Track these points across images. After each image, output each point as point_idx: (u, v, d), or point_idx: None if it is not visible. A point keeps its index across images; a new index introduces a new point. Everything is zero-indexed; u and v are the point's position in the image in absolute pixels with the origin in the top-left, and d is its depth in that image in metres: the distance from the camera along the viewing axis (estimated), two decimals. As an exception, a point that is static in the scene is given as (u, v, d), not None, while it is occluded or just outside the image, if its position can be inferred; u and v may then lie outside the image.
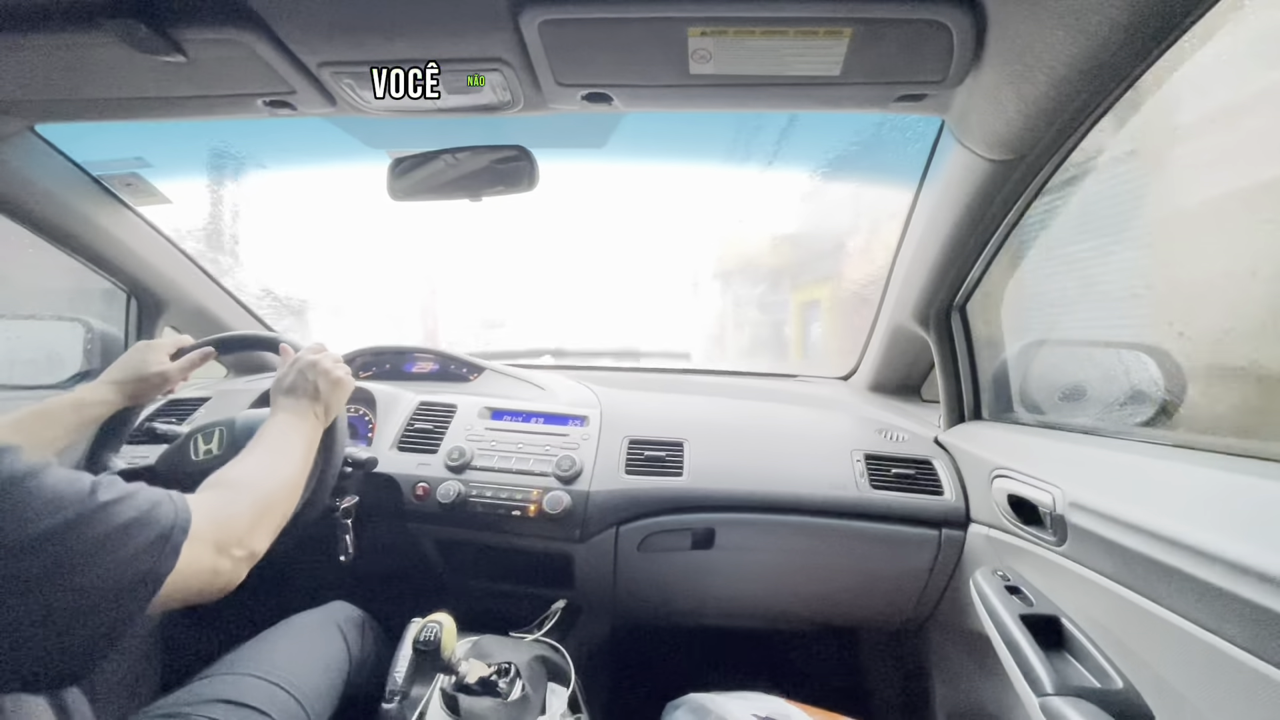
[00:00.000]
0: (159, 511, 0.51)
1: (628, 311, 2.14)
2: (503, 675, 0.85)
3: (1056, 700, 0.63)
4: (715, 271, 2.44)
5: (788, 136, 1.69)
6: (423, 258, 2.43)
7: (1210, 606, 0.54)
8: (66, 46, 0.75)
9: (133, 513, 0.49)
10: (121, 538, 0.48)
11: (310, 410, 0.83)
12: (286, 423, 0.80)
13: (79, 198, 1.17)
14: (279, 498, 0.68)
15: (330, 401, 0.87)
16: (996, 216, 0.93)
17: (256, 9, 0.69)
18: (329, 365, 0.89)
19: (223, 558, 0.57)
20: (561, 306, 2.37)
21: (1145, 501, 0.65)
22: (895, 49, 0.71)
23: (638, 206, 2.15)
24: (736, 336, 2.43)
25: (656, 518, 1.10)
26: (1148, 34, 0.60)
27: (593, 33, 0.71)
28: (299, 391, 0.84)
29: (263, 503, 0.64)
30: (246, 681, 0.74)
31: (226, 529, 0.58)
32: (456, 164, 1.00)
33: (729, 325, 2.44)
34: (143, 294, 1.40)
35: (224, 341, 1.02)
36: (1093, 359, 1.01)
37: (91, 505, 0.47)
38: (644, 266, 2.24)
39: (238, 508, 0.61)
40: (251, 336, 1.09)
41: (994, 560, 0.96)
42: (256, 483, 0.66)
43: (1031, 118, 0.73)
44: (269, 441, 0.75)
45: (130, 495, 0.51)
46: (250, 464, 0.70)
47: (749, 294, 2.43)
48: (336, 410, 0.90)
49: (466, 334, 2.65)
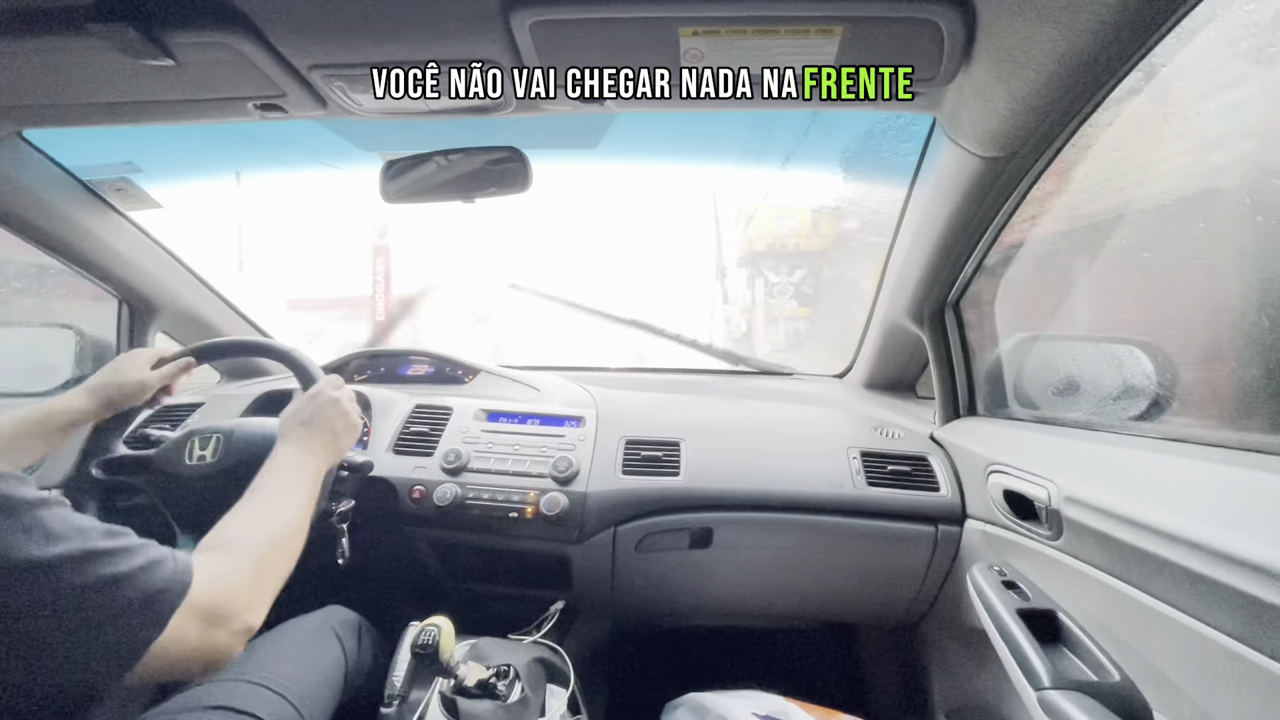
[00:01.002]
0: (155, 572, 0.49)
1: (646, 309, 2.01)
2: (502, 677, 0.85)
3: (1054, 694, 0.64)
4: (740, 257, 2.23)
5: (782, 134, 1.70)
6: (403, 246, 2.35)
7: (1204, 598, 0.54)
8: (54, 51, 0.75)
9: (126, 567, 0.47)
10: (109, 590, 0.45)
11: (321, 448, 0.81)
12: (294, 460, 0.77)
13: (69, 203, 1.16)
14: (281, 562, 0.65)
15: (341, 444, 0.85)
16: (989, 213, 0.94)
17: (246, 12, 0.69)
18: (348, 407, 0.88)
19: (217, 631, 0.53)
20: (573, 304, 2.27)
21: (1140, 495, 0.66)
22: (886, 47, 0.71)
23: (643, 197, 2.08)
24: (769, 333, 2.23)
25: (654, 518, 1.10)
26: (1136, 30, 0.60)
27: (584, 33, 0.71)
28: (315, 426, 0.82)
29: (264, 570, 0.61)
30: (242, 687, 0.74)
31: (224, 601, 0.54)
32: (449, 166, 1.00)
33: (758, 320, 2.23)
34: (134, 299, 1.39)
35: (203, 350, 1.02)
36: (1086, 354, 1.01)
37: (86, 548, 0.45)
38: (660, 259, 2.11)
39: (238, 576, 0.57)
40: (230, 343, 1.08)
41: (990, 555, 0.96)
42: (259, 544, 0.62)
43: (1022, 114, 0.74)
44: (274, 483, 0.72)
45: (130, 550, 0.48)
46: (254, 517, 0.66)
47: (784, 282, 2.22)
48: (345, 453, 0.87)
49: (452, 330, 2.58)
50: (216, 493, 0.92)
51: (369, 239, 2.28)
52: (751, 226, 2.21)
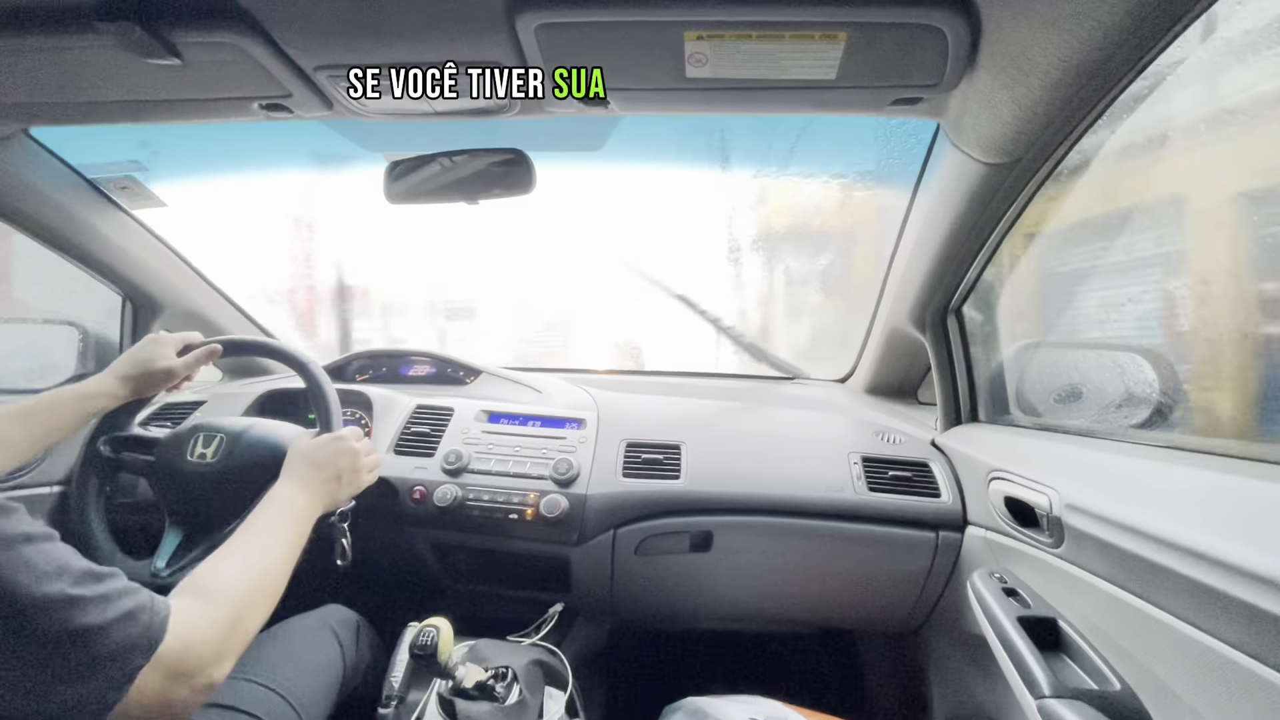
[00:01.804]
0: (130, 626, 0.47)
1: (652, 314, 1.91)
2: (500, 679, 0.85)
3: (1054, 702, 0.63)
4: (756, 239, 1.96)
5: (785, 138, 1.70)
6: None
7: (1206, 608, 0.54)
8: (61, 50, 0.75)
9: (102, 618, 0.46)
10: (82, 642, 0.44)
11: (322, 493, 0.80)
12: (291, 500, 0.76)
13: (74, 201, 1.17)
14: (256, 614, 0.62)
15: (340, 495, 0.84)
16: (992, 219, 0.94)
17: (252, 12, 0.69)
18: (362, 463, 0.88)
19: (178, 686, 0.50)
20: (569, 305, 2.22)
21: (1141, 503, 0.65)
22: (890, 53, 0.71)
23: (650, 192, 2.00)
24: (791, 331, 1.96)
25: (654, 521, 1.10)
26: (1141, 37, 0.60)
27: (589, 36, 0.71)
28: (324, 469, 0.82)
29: (237, 622, 0.58)
30: (239, 686, 0.74)
31: (192, 656, 0.52)
32: (453, 167, 1.00)
33: (777, 314, 1.95)
34: (138, 297, 1.39)
35: (231, 344, 1.03)
36: (1088, 361, 1.01)
37: (68, 594, 0.44)
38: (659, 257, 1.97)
39: (212, 630, 0.55)
40: (258, 343, 1.09)
41: (991, 562, 0.96)
42: (240, 595, 0.60)
43: (1026, 121, 0.74)
44: (263, 527, 0.71)
45: (108, 598, 0.47)
46: (241, 564, 0.64)
47: (807, 268, 1.92)
48: (341, 504, 0.86)
49: (427, 327, 2.52)
50: (210, 493, 0.92)
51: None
52: (767, 204, 2.03)
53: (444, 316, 2.48)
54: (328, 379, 0.98)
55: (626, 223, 2.00)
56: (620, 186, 1.98)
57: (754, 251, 1.98)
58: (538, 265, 2.19)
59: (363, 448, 0.89)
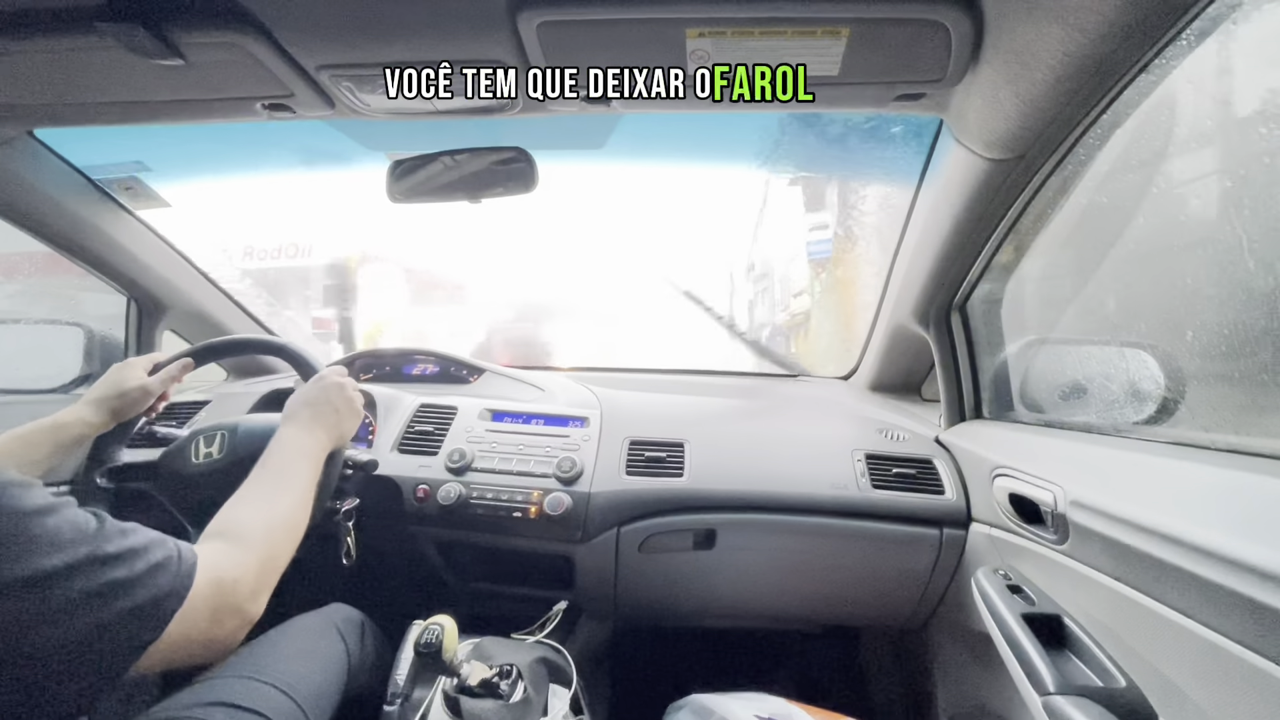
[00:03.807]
0: (160, 575, 0.49)
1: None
2: (504, 677, 0.85)
3: (1059, 699, 0.63)
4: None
5: (786, 135, 1.70)
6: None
7: (1212, 604, 0.53)
8: (64, 51, 0.75)
9: (131, 571, 0.47)
10: (113, 597, 0.46)
11: (323, 428, 0.82)
12: (296, 440, 0.78)
13: (78, 202, 1.17)
14: (284, 547, 0.65)
15: (344, 428, 0.87)
16: (995, 215, 0.93)
17: (254, 12, 0.69)
18: (351, 393, 0.89)
19: (218, 626, 0.53)
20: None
21: (1146, 499, 0.65)
22: (893, 48, 0.71)
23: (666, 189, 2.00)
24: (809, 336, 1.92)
25: (657, 518, 1.10)
26: (1145, 32, 0.60)
27: (591, 34, 0.71)
28: (319, 406, 0.84)
29: (268, 557, 0.61)
30: (245, 684, 0.74)
31: (228, 594, 0.54)
32: (456, 166, 1.00)
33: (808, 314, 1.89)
34: (143, 297, 1.40)
35: (200, 350, 1.03)
36: (1093, 357, 1.01)
37: (92, 553, 0.46)
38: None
39: (242, 568, 0.57)
40: (224, 343, 1.08)
41: (995, 559, 0.96)
42: (263, 531, 0.63)
43: (1030, 116, 0.73)
44: (275, 465, 0.73)
45: (135, 552, 0.48)
46: (256, 501, 0.67)
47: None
48: (347, 437, 0.89)
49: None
50: (226, 488, 0.92)
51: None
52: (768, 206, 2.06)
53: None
54: (305, 346, 1.00)
55: (629, 221, 2.01)
56: (619, 187, 1.99)
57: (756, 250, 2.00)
58: (541, 262, 2.22)
59: (348, 381, 0.91)
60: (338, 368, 0.94)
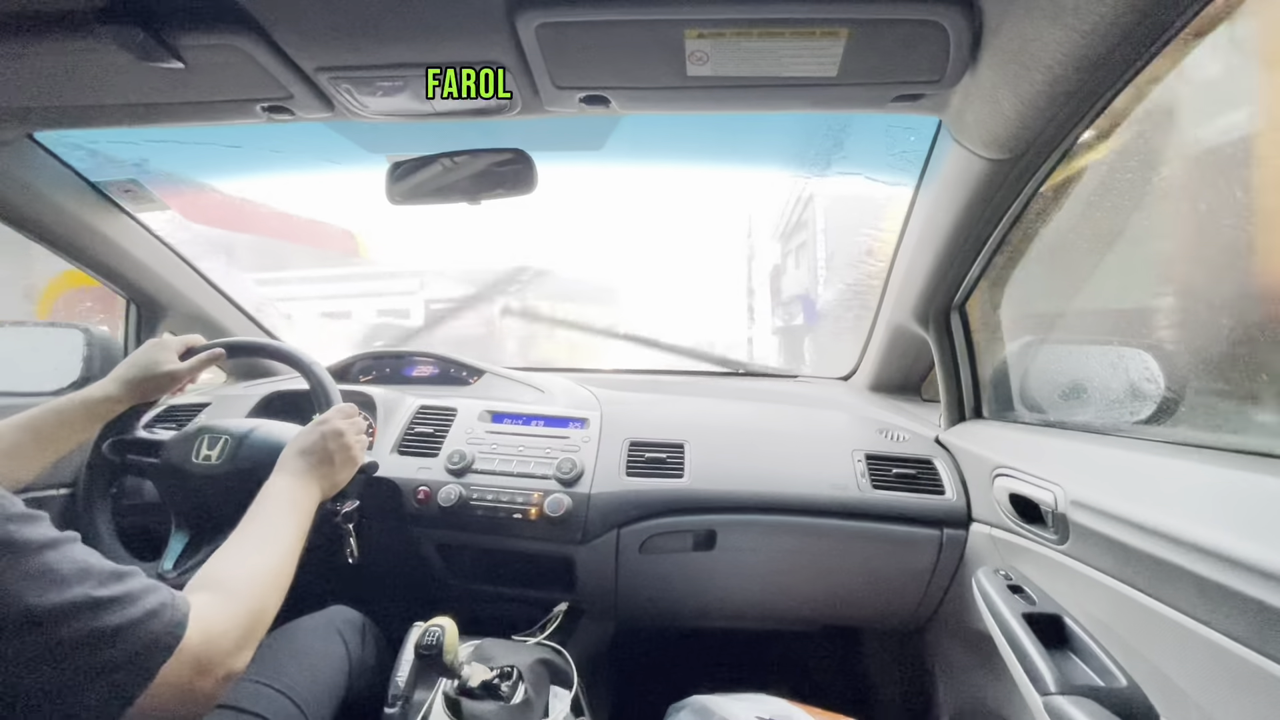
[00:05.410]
0: (152, 623, 0.48)
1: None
2: (505, 678, 0.85)
3: (1060, 699, 0.63)
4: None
5: (785, 135, 1.70)
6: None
7: (1213, 603, 0.54)
8: (64, 53, 0.75)
9: (125, 618, 0.46)
10: (106, 643, 0.45)
11: (316, 478, 0.80)
12: (288, 491, 0.77)
13: (78, 204, 1.17)
14: (270, 603, 0.64)
15: (337, 478, 0.85)
16: (994, 215, 0.93)
17: (253, 14, 0.69)
18: (351, 440, 0.87)
19: (203, 679, 0.52)
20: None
21: (1147, 499, 0.65)
22: (892, 49, 0.71)
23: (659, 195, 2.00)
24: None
25: (658, 519, 1.10)
26: (1144, 32, 0.60)
27: (590, 35, 0.71)
28: (315, 456, 0.82)
29: (255, 613, 0.60)
30: (245, 687, 0.74)
31: (213, 647, 0.53)
32: (455, 167, 1.00)
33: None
34: (142, 300, 1.40)
35: (234, 345, 1.03)
36: (1093, 357, 1.01)
37: (90, 595, 0.45)
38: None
39: (229, 621, 0.56)
40: (260, 344, 1.09)
41: (996, 559, 0.96)
42: (251, 587, 0.62)
43: (1028, 116, 0.73)
44: (265, 519, 0.72)
45: (130, 597, 0.48)
46: (246, 556, 0.66)
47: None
48: (340, 486, 0.86)
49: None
50: (215, 495, 0.93)
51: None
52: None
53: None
54: (329, 377, 0.99)
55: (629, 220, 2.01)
56: (619, 187, 1.99)
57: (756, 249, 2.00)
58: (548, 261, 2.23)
59: (351, 427, 0.88)
60: (347, 407, 0.92)
